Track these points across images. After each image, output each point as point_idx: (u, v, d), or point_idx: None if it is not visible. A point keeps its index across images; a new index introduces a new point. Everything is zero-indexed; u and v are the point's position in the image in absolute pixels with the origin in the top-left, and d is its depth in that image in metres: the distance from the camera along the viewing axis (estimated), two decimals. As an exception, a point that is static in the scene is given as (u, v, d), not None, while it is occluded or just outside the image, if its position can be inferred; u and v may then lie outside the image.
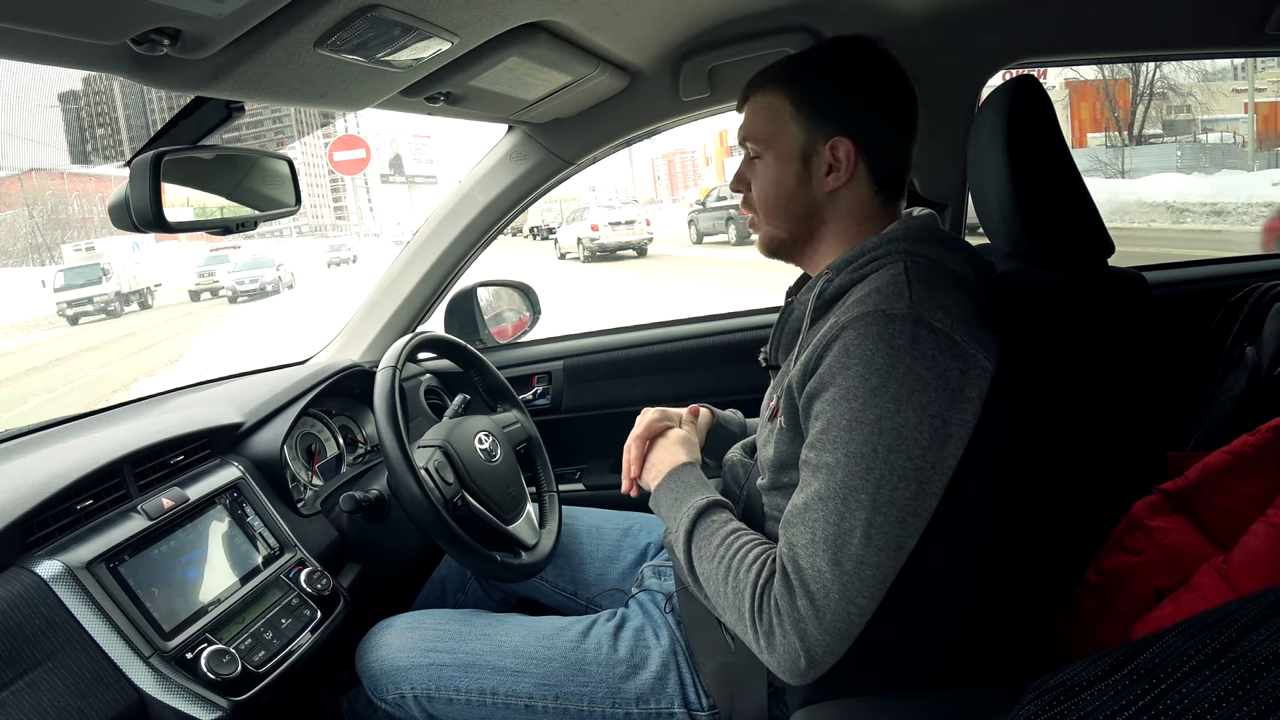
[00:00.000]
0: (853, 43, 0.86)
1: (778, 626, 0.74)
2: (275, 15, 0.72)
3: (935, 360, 0.72)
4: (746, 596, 0.76)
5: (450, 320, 1.70)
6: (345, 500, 1.11)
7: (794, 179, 0.85)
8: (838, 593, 0.72)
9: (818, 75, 0.85)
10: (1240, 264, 1.64)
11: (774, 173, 0.86)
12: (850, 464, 0.72)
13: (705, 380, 1.63)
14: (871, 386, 0.72)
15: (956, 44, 1.30)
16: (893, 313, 0.73)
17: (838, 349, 0.74)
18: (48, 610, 0.78)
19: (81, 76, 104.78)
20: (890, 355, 0.72)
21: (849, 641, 0.74)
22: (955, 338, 0.73)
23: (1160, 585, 0.92)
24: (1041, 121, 0.85)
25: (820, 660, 0.73)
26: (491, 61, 1.04)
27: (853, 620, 0.72)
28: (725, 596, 0.79)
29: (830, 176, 0.84)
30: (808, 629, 0.72)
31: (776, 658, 0.74)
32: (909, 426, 0.71)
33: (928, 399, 0.71)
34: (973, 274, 0.81)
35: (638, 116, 1.46)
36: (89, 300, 20.11)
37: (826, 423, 0.74)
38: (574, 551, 1.23)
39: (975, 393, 0.73)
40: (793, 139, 0.85)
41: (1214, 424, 1.20)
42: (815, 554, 0.73)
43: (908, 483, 0.71)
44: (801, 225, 0.88)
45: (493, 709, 0.96)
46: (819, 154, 0.84)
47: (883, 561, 0.72)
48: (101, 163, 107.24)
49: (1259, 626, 0.47)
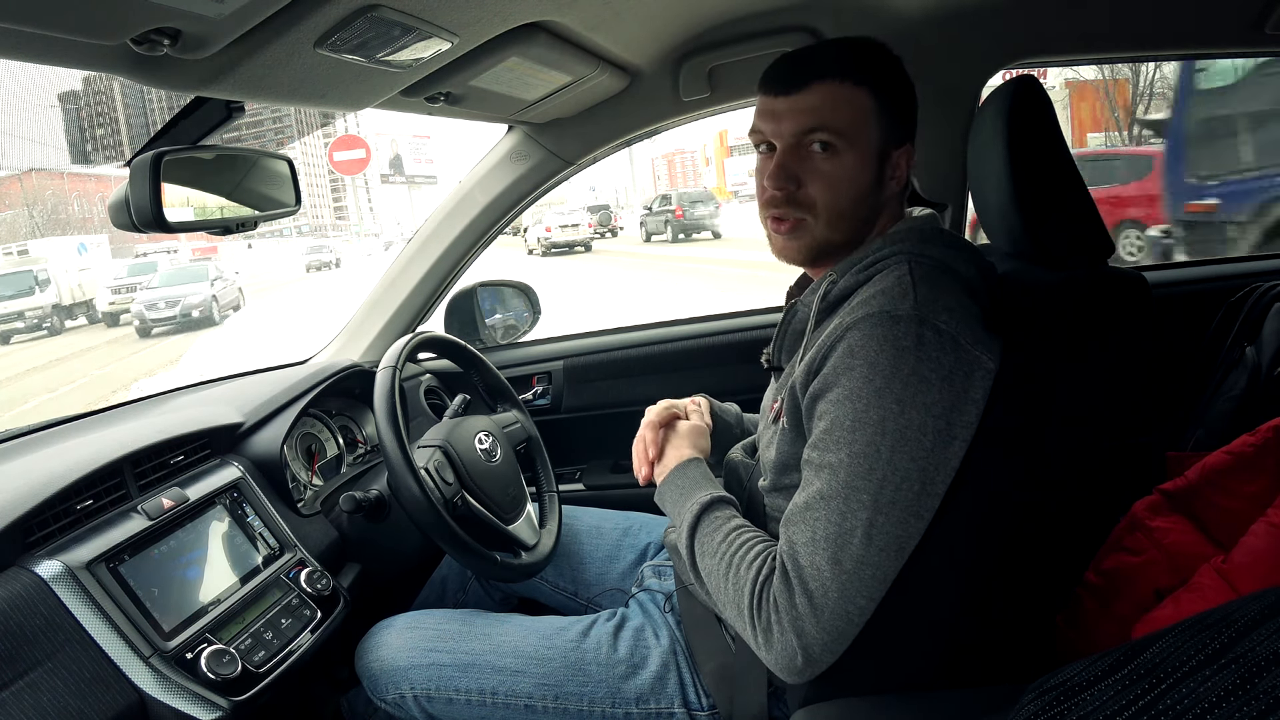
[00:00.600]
0: (888, 48, 0.84)
1: (776, 624, 0.74)
2: (275, 15, 0.72)
3: (940, 362, 0.72)
4: (746, 593, 0.76)
5: (450, 320, 1.70)
6: (345, 500, 1.11)
7: (870, 182, 0.81)
8: (836, 592, 0.71)
9: (895, 76, 0.82)
10: (1240, 264, 1.64)
11: (854, 172, 0.80)
12: (853, 464, 0.72)
13: (706, 380, 1.63)
14: (876, 388, 0.72)
15: (956, 44, 1.30)
16: (898, 314, 0.73)
17: (842, 350, 0.74)
18: (48, 610, 0.78)
19: (81, 76, 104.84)
20: (895, 356, 0.71)
21: (847, 641, 0.74)
22: (960, 339, 0.73)
23: (1160, 585, 0.92)
24: (1041, 121, 0.84)
25: (817, 659, 0.73)
26: (491, 61, 1.04)
27: (851, 620, 0.72)
28: (726, 593, 0.79)
29: (892, 182, 0.83)
30: (805, 627, 0.72)
31: (774, 655, 0.74)
32: (913, 428, 0.71)
33: (932, 400, 0.71)
34: (976, 274, 0.81)
35: (638, 116, 1.46)
36: (19, 315, 16.61)
37: (830, 423, 0.74)
38: (574, 551, 1.23)
39: (979, 394, 0.73)
40: (875, 140, 0.81)
41: (1214, 424, 1.20)
42: (815, 553, 0.73)
43: (910, 483, 0.71)
44: (858, 232, 0.84)
45: (492, 709, 0.96)
46: (889, 159, 0.82)
47: (883, 562, 0.72)
48: (102, 163, 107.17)
49: (1259, 626, 0.47)
